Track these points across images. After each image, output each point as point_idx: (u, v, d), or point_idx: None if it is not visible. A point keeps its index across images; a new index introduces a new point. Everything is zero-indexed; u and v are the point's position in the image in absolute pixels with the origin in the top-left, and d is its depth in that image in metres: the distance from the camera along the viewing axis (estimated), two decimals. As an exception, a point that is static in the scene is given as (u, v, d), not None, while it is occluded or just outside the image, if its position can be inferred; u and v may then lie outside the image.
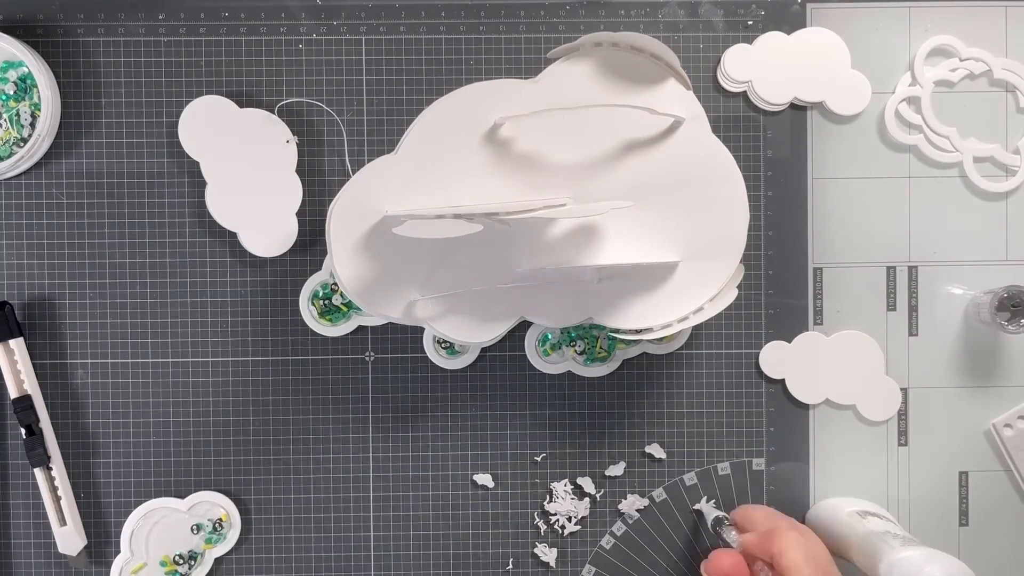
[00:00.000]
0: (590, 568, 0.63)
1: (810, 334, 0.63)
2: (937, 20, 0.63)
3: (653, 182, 0.55)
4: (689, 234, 0.55)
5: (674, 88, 0.54)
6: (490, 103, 0.53)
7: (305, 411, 0.62)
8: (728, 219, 0.55)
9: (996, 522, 0.63)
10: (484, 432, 0.63)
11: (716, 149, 0.55)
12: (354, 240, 0.53)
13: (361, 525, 0.62)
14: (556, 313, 0.56)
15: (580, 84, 0.54)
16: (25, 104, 0.60)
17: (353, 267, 0.54)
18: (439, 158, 0.53)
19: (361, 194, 0.53)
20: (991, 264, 0.63)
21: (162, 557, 0.61)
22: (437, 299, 0.54)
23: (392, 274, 0.54)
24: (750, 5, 0.62)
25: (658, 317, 0.56)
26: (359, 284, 0.54)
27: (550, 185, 0.54)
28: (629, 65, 0.54)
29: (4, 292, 0.62)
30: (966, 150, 0.63)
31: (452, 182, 0.54)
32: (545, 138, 0.54)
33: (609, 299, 0.56)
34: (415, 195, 0.53)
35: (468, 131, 0.53)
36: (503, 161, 0.54)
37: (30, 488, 0.62)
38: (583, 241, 0.55)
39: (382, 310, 0.54)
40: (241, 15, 0.62)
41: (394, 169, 0.53)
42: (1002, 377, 0.63)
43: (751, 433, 0.63)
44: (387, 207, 0.53)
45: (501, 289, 0.55)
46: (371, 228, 0.53)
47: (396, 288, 0.54)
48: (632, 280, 0.55)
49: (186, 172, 0.62)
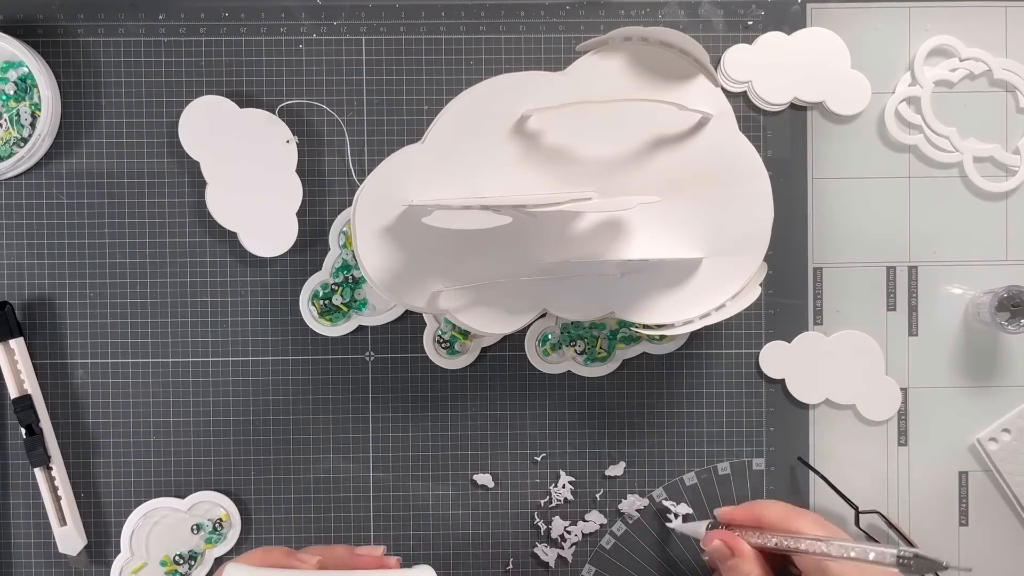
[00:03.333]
0: (590, 568, 0.63)
1: (810, 334, 0.63)
2: (937, 20, 0.63)
3: (679, 178, 0.54)
4: (713, 231, 0.55)
5: (703, 84, 0.54)
6: (518, 94, 0.53)
7: (305, 411, 0.62)
8: (753, 216, 0.55)
9: (996, 522, 0.63)
10: (484, 432, 0.63)
11: (743, 146, 0.55)
12: (378, 229, 0.53)
13: (361, 525, 0.62)
14: (579, 306, 0.56)
15: (609, 78, 0.53)
16: (25, 104, 0.60)
17: (378, 256, 0.53)
18: (466, 148, 0.53)
19: (386, 183, 0.53)
20: (991, 264, 0.63)
21: (162, 557, 0.61)
22: (461, 290, 0.54)
23: (416, 264, 0.54)
24: (750, 5, 0.62)
25: (681, 313, 0.56)
26: (383, 273, 0.54)
27: (577, 178, 0.54)
28: (658, 60, 0.54)
29: (4, 292, 0.62)
30: (966, 150, 0.63)
31: (478, 173, 0.53)
32: (573, 131, 0.54)
33: (632, 294, 0.56)
34: (441, 185, 0.53)
35: (496, 122, 0.53)
36: (531, 153, 0.54)
37: (30, 488, 0.62)
38: (608, 235, 0.55)
39: (406, 299, 0.54)
40: (241, 15, 0.62)
41: (420, 158, 0.53)
42: (1002, 377, 0.63)
43: (751, 433, 0.63)
44: (412, 197, 0.53)
45: (525, 281, 0.54)
46: (396, 217, 0.53)
47: (420, 278, 0.54)
48: (655, 275, 0.55)
49: (186, 172, 0.62)
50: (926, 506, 0.63)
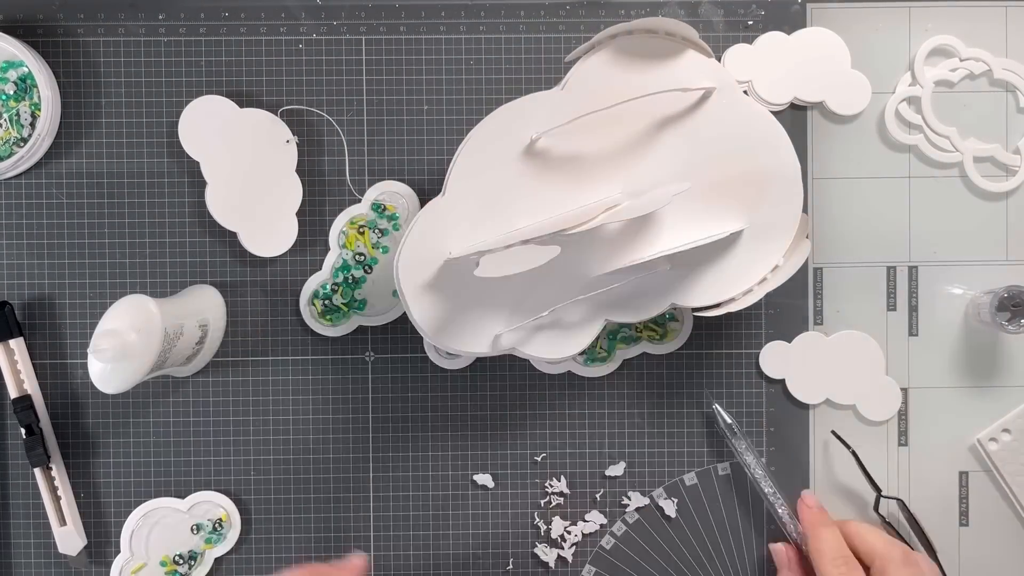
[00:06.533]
0: (590, 568, 0.63)
1: (810, 334, 0.63)
2: (937, 20, 0.63)
3: (696, 156, 0.54)
4: (745, 198, 0.54)
5: (696, 59, 0.54)
6: (522, 120, 0.53)
7: (305, 411, 0.62)
8: (780, 170, 0.54)
9: (996, 522, 0.63)
10: (484, 432, 0.63)
11: (751, 109, 0.54)
12: (423, 286, 0.53)
13: (361, 525, 0.62)
14: (639, 307, 0.55)
15: (605, 78, 0.53)
16: (25, 104, 0.60)
17: (430, 313, 0.53)
18: (486, 187, 0.53)
19: (420, 242, 0.53)
20: (991, 264, 0.63)
21: (162, 557, 0.61)
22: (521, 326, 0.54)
23: (469, 311, 0.54)
24: (750, 5, 0.62)
25: (738, 286, 0.55)
26: (439, 327, 0.53)
27: (599, 181, 0.54)
28: (649, 48, 0.53)
29: (4, 292, 0.62)
30: (966, 150, 0.63)
31: (505, 207, 0.53)
32: (583, 138, 0.54)
33: (685, 282, 0.55)
34: (474, 230, 0.53)
35: (507, 154, 0.53)
36: (548, 172, 0.54)
37: (30, 488, 0.62)
38: (644, 231, 0.54)
39: (470, 348, 0.54)
40: (241, 15, 0.62)
41: (446, 210, 0.53)
42: (1002, 377, 0.63)
43: (751, 433, 0.63)
44: (450, 248, 0.53)
45: (581, 299, 0.54)
46: (437, 271, 0.53)
47: (476, 322, 0.54)
48: (701, 256, 0.55)
49: (186, 172, 0.62)
50: (926, 506, 0.63)
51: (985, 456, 0.62)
